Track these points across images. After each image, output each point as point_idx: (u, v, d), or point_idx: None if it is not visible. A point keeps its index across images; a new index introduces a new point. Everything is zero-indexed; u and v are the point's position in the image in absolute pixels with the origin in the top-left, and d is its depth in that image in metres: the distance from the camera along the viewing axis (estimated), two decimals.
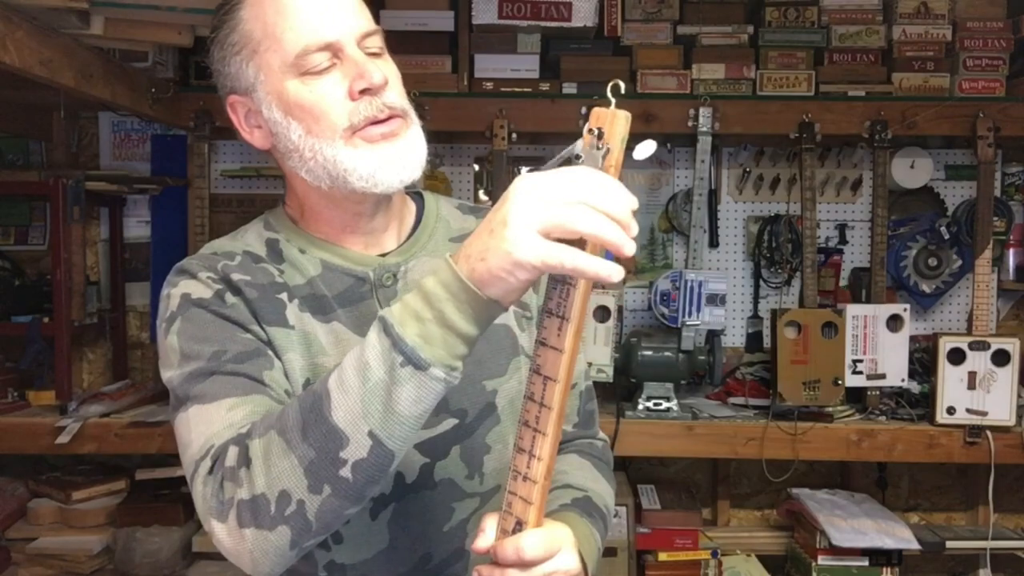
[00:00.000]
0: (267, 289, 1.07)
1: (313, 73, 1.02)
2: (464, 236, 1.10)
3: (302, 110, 1.03)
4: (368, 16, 1.07)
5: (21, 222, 2.98)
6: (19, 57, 1.75)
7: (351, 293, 1.10)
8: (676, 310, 2.55)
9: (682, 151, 2.93)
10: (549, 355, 0.84)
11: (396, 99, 1.04)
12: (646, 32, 2.69)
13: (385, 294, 1.11)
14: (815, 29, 2.71)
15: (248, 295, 1.06)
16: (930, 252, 2.79)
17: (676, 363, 2.54)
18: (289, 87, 1.03)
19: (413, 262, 1.14)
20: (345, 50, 1.02)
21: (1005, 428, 2.46)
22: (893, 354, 2.56)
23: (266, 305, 1.06)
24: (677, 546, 2.58)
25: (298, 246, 1.12)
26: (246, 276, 1.07)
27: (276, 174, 2.88)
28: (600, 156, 0.81)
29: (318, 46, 1.01)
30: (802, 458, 2.53)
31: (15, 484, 2.70)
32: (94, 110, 2.89)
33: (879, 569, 2.52)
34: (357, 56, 1.02)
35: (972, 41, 2.68)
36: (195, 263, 1.08)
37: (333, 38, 1.02)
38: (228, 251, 1.11)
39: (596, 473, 1.21)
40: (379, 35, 1.07)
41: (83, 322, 2.68)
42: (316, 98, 1.02)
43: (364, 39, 1.04)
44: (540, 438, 0.86)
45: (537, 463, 0.86)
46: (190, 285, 1.06)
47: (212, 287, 1.05)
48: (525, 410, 0.87)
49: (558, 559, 0.92)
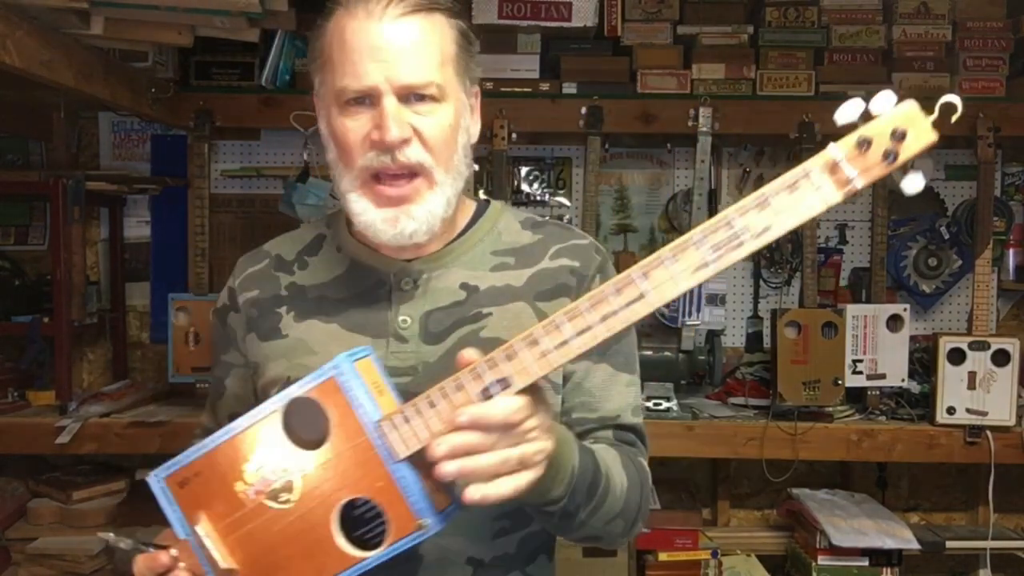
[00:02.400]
0: (268, 303, 1.18)
1: (351, 109, 1.07)
2: (512, 251, 1.17)
3: (335, 138, 1.10)
4: (430, 66, 1.07)
5: (21, 222, 2.97)
6: (19, 57, 1.75)
7: (369, 294, 1.14)
8: (676, 310, 2.55)
9: (682, 151, 2.92)
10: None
11: (419, 156, 1.06)
12: (646, 32, 2.69)
13: (401, 298, 1.13)
14: (815, 29, 2.71)
15: (248, 314, 1.19)
16: (930, 252, 2.79)
17: (676, 363, 2.54)
18: (333, 112, 1.09)
19: (440, 271, 1.14)
20: (381, 98, 1.05)
21: (1005, 428, 2.46)
22: (893, 354, 2.56)
23: (263, 322, 1.17)
24: (677, 546, 2.58)
25: (338, 243, 1.19)
26: (253, 292, 1.20)
27: (276, 174, 2.88)
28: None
29: (354, 91, 1.06)
30: (802, 458, 2.53)
31: (15, 484, 2.70)
32: (94, 110, 2.89)
33: (879, 569, 2.52)
34: (387, 107, 1.05)
35: (972, 41, 2.68)
36: (237, 266, 1.25)
37: (370, 84, 1.05)
38: (265, 251, 1.24)
39: (621, 462, 1.10)
40: (433, 87, 1.07)
41: (83, 322, 2.68)
42: (344, 131, 1.08)
43: (408, 91, 1.06)
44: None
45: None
46: (224, 290, 1.25)
47: (225, 300, 1.23)
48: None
49: (536, 416, 0.90)
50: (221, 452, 0.99)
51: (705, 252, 0.79)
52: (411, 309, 1.13)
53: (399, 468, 0.92)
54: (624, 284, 0.82)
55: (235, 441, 0.98)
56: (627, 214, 2.93)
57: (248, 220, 2.92)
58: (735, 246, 0.78)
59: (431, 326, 1.12)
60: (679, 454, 2.65)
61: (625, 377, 1.17)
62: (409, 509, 0.92)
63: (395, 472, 0.92)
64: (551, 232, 1.20)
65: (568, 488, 0.97)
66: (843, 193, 0.75)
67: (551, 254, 1.17)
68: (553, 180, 2.92)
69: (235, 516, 0.98)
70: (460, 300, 1.13)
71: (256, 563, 0.98)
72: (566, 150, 2.92)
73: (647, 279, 0.81)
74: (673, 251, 0.80)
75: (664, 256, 0.80)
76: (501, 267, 1.15)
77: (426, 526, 0.92)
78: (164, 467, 1.01)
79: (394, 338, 1.11)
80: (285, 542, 0.96)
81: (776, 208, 0.77)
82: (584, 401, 1.15)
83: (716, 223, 0.79)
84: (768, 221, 0.77)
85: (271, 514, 0.97)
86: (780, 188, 0.77)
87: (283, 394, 0.97)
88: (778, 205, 0.77)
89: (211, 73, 2.70)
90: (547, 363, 0.86)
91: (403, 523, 0.93)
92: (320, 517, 0.95)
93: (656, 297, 0.81)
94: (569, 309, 0.84)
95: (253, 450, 0.97)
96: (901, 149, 0.72)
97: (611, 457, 1.08)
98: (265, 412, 0.97)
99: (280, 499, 0.96)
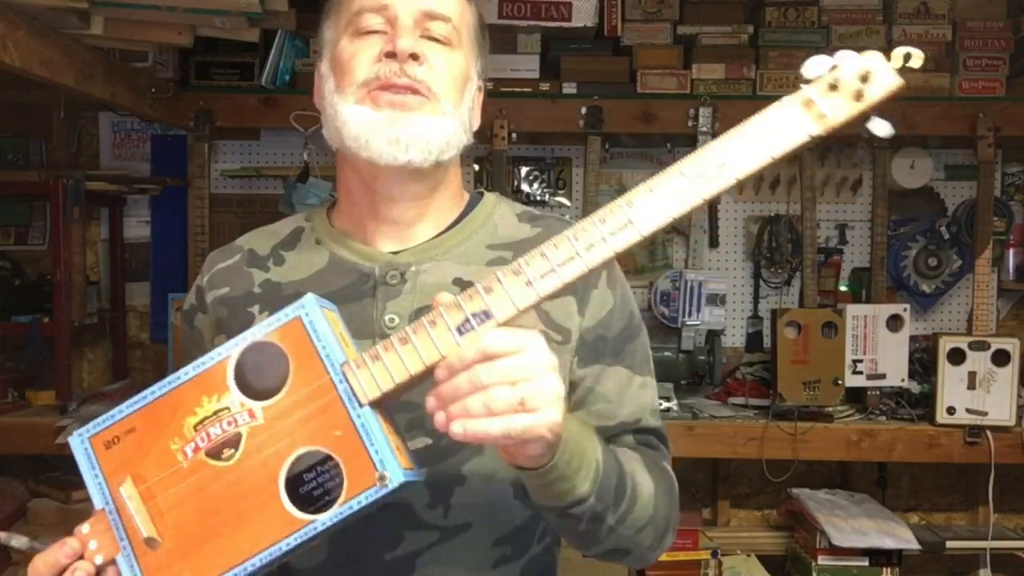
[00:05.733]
0: (239, 303, 1.08)
1: (362, 33, 1.03)
2: (510, 245, 1.06)
3: (339, 64, 1.04)
4: (449, 4, 1.04)
5: (21, 222, 2.97)
6: (19, 57, 1.75)
7: (351, 291, 1.03)
8: (676, 310, 2.55)
9: (682, 151, 2.91)
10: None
11: (425, 75, 1.01)
12: (646, 32, 2.69)
13: (387, 293, 1.03)
14: (815, 29, 2.70)
15: (217, 314, 1.09)
16: (930, 252, 2.79)
17: (676, 363, 2.54)
18: (341, 43, 1.04)
19: (430, 264, 1.04)
20: (398, 20, 1.01)
21: (1005, 428, 2.46)
22: (893, 354, 2.56)
23: (233, 323, 1.06)
24: (677, 546, 2.57)
25: (317, 237, 1.10)
26: (222, 290, 1.10)
27: (276, 174, 2.88)
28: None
29: (373, 6, 1.02)
30: (802, 458, 2.53)
31: (15, 484, 2.70)
32: (94, 110, 2.89)
33: (879, 569, 2.52)
34: (402, 21, 1.01)
35: (972, 41, 2.68)
36: (206, 262, 1.16)
37: (388, 4, 1.02)
38: (238, 246, 1.15)
39: (646, 466, 1.02)
40: (449, 23, 1.04)
41: (83, 322, 2.68)
42: (351, 54, 1.02)
43: (427, 19, 1.02)
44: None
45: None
46: (192, 289, 1.16)
47: (192, 300, 1.14)
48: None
49: (528, 352, 0.79)
50: (161, 405, 0.88)
51: (692, 180, 0.78)
52: (399, 306, 1.02)
53: (363, 414, 0.81)
54: (609, 213, 0.79)
55: (178, 392, 0.87)
56: None
57: (248, 220, 2.91)
58: (719, 175, 0.78)
59: None
60: (679, 454, 2.60)
61: (641, 379, 1.09)
62: (371, 459, 0.80)
63: (357, 418, 0.81)
64: (551, 226, 1.09)
65: (595, 485, 0.89)
66: (821, 125, 0.77)
67: None
68: (553, 180, 2.92)
69: (167, 476, 0.86)
70: None
71: (187, 531, 0.85)
72: (566, 150, 2.92)
73: (632, 207, 0.78)
74: (658, 179, 0.79)
75: (652, 184, 0.79)
76: (498, 262, 1.04)
77: (388, 480, 0.80)
78: (92, 424, 0.90)
79: (381, 339, 0.95)
80: (223, 505, 0.84)
81: (755, 136, 0.79)
82: (600, 408, 1.05)
83: (701, 153, 0.79)
84: (750, 149, 0.79)
85: (209, 472, 0.84)
86: (758, 119, 0.79)
87: (239, 338, 0.86)
88: (756, 133, 0.79)
89: (211, 73, 2.70)
90: (533, 292, 0.79)
91: (362, 476, 0.80)
92: (266, 475, 0.83)
93: (645, 224, 0.78)
94: (553, 240, 0.80)
95: (197, 402, 0.86)
96: (867, 90, 0.76)
97: (635, 460, 1.00)
98: (215, 359, 0.86)
99: (223, 456, 0.84)
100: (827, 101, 0.77)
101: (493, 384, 0.77)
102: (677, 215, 0.79)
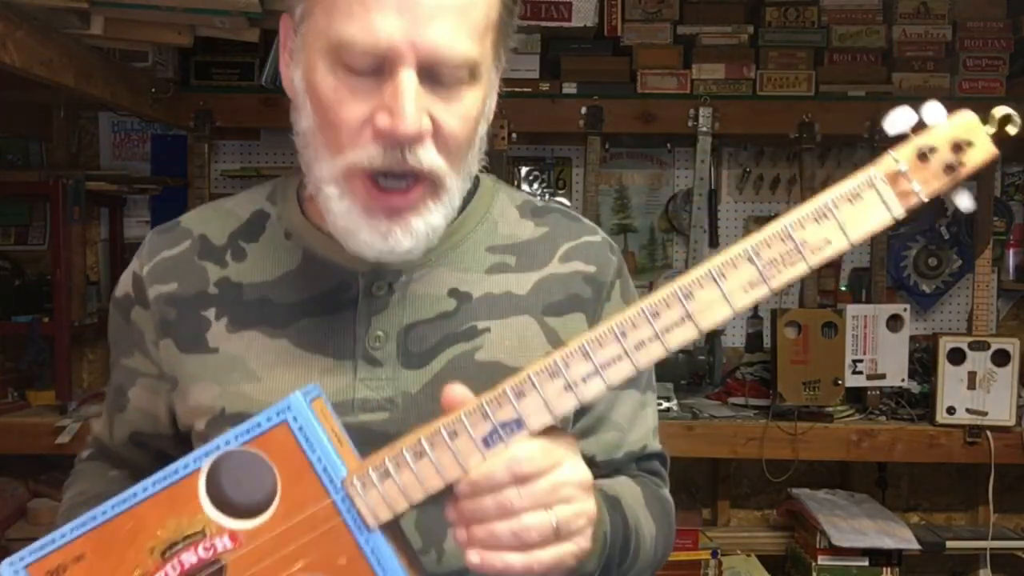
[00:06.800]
0: (190, 304, 0.90)
1: (347, 69, 0.78)
2: (512, 247, 0.93)
3: (318, 102, 0.80)
4: (471, 35, 0.79)
5: (21, 222, 2.97)
6: (19, 57, 1.75)
7: (328, 299, 0.88)
8: None
9: (682, 151, 2.92)
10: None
11: (432, 161, 0.79)
12: (646, 32, 2.69)
13: (371, 306, 0.88)
14: (815, 29, 2.70)
15: (162, 314, 0.91)
16: (930, 252, 2.79)
17: (676, 363, 2.54)
18: (319, 65, 0.79)
19: (423, 272, 0.89)
20: (397, 68, 0.76)
21: (1005, 428, 2.46)
22: (893, 354, 2.55)
23: (183, 327, 0.90)
24: (677, 546, 2.55)
25: (287, 227, 0.92)
26: (169, 286, 0.92)
27: (276, 174, 2.85)
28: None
29: (363, 49, 0.76)
30: (802, 458, 2.52)
31: (15, 484, 2.70)
32: (94, 110, 2.89)
33: (879, 569, 2.52)
34: (405, 85, 0.76)
35: (972, 41, 2.68)
36: (146, 243, 0.96)
37: (387, 43, 0.75)
38: (185, 228, 0.95)
39: (645, 502, 0.96)
40: (467, 68, 0.79)
41: (83, 322, 2.68)
42: (335, 101, 0.78)
43: (435, 64, 0.77)
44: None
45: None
46: (127, 274, 0.96)
47: (127, 288, 0.95)
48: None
49: (564, 468, 0.70)
50: (117, 526, 0.73)
51: (761, 267, 0.67)
52: (386, 322, 0.87)
53: (372, 539, 0.70)
54: (663, 306, 0.68)
55: (138, 512, 0.72)
56: (627, 214, 2.93)
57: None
58: (793, 261, 0.67)
59: (412, 345, 0.87)
60: (679, 454, 2.62)
61: (644, 397, 1.00)
62: None
63: (366, 544, 0.70)
64: (558, 224, 0.96)
65: (601, 559, 0.80)
66: (905, 207, 0.66)
67: (561, 255, 0.94)
68: (553, 180, 2.92)
69: None
70: (449, 311, 0.88)
71: None
72: (566, 150, 2.92)
73: (692, 300, 0.67)
74: (722, 267, 0.67)
75: (713, 271, 0.67)
76: (499, 268, 0.92)
77: None
78: (30, 549, 0.75)
79: (364, 360, 0.87)
80: None
81: (837, 220, 0.67)
82: (611, 438, 0.96)
83: (772, 235, 0.68)
84: (828, 234, 0.67)
85: None
86: (840, 198, 0.67)
87: (209, 447, 0.72)
88: (840, 217, 0.67)
89: (211, 73, 2.70)
90: (573, 398, 0.68)
91: None
92: None
93: (704, 320, 0.68)
94: (596, 335, 0.68)
95: (163, 523, 0.72)
96: (962, 162, 0.65)
97: (636, 500, 0.92)
98: (181, 472, 0.72)
99: None
100: (915, 176, 0.65)
101: (525, 510, 0.68)
102: (742, 309, 0.69)
